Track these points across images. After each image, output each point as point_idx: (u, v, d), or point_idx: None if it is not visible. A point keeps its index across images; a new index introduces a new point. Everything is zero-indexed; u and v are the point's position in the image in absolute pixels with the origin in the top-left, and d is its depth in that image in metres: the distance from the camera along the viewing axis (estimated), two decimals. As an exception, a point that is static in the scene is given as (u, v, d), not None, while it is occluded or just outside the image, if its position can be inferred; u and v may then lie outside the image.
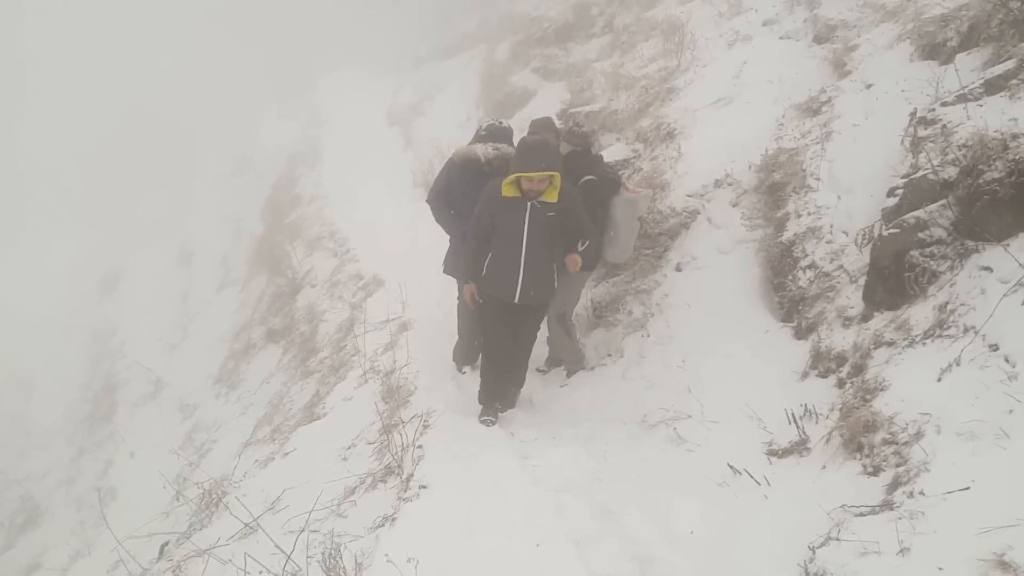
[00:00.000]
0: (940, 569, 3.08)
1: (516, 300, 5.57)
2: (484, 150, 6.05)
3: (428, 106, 15.33)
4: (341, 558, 3.38)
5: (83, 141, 25.32)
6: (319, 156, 15.93)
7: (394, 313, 8.19)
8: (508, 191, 5.39)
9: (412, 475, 4.85)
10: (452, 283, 7.77)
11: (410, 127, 15.25)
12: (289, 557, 3.96)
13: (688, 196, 6.90)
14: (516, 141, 6.26)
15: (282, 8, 22.66)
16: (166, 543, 5.73)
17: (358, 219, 12.10)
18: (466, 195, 5.92)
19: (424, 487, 4.60)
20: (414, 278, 8.71)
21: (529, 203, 5.38)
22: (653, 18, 10.50)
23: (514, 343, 5.84)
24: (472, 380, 6.49)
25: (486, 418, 5.84)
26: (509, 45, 13.89)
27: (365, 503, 4.80)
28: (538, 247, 5.46)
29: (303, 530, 4.35)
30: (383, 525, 4.29)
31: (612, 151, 8.06)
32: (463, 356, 6.82)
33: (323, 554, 3.51)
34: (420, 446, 5.26)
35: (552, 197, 5.37)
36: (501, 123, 6.34)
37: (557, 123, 7.18)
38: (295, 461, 6.14)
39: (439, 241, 9.85)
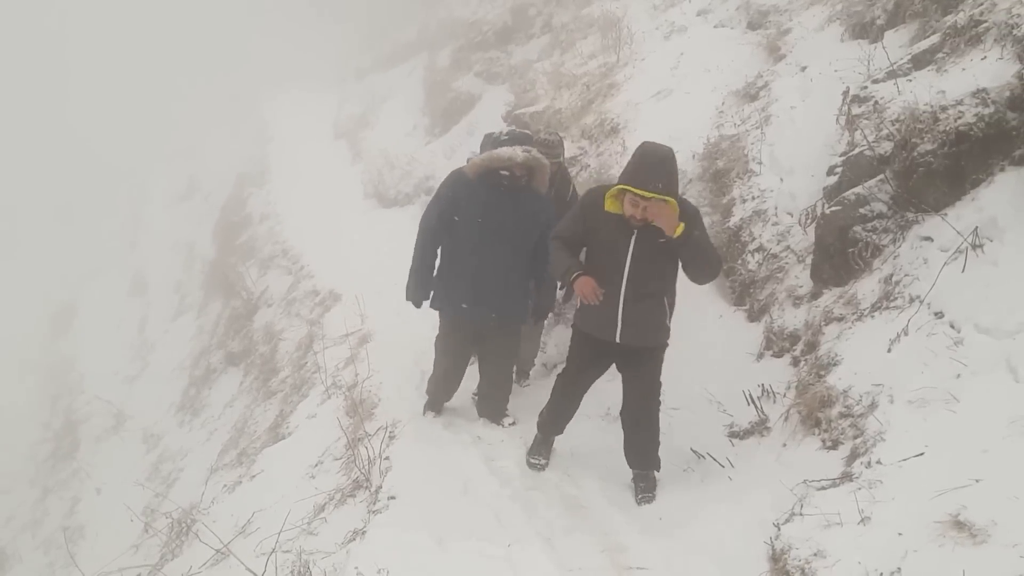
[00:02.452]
0: (900, 534, 3.15)
1: (617, 339, 4.42)
2: (512, 152, 4.92)
3: (374, 117, 15.27)
4: (311, 575, 3.37)
5: (25, 174, 24.86)
6: (267, 174, 15.78)
7: (353, 326, 8.16)
8: (612, 206, 4.24)
9: (380, 487, 4.83)
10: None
11: (357, 139, 15.18)
12: (261, 580, 3.94)
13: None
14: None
15: (223, 28, 22.49)
16: (137, 576, 5.66)
17: (310, 235, 12.02)
18: (473, 219, 5.06)
19: (393, 498, 4.59)
20: (371, 289, 8.69)
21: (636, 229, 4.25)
22: (590, 15, 10.58)
23: (629, 396, 4.69)
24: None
25: (536, 459, 5.03)
26: (450, 51, 13.90)
27: (335, 519, 4.77)
28: (644, 276, 4.33)
29: (273, 551, 4.32)
30: (354, 539, 4.27)
31: (558, 149, 8.12)
32: (435, 398, 5.86)
33: (292, 572, 3.49)
34: (387, 457, 5.24)
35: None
36: (523, 130, 5.58)
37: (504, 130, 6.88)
38: (263, 483, 6.09)
39: (395, 251, 9.89)
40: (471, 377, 5.84)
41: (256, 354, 10.34)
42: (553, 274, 4.73)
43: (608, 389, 5.70)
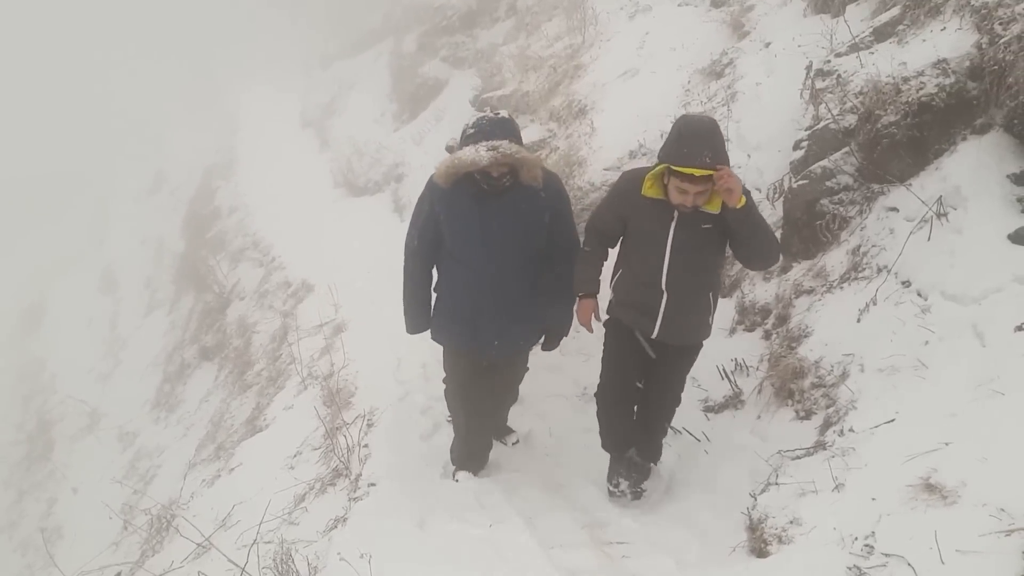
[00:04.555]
0: (873, 499, 3.21)
1: (655, 335, 4.02)
2: (475, 154, 3.83)
3: (341, 105, 15.16)
4: (293, 562, 3.38)
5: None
6: (235, 166, 15.66)
7: (327, 316, 8.13)
8: (651, 190, 3.79)
9: (360, 474, 4.85)
10: (387, 281, 7.76)
11: (324, 127, 15.08)
12: (243, 570, 3.94)
13: (605, 169, 6.98)
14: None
15: (183, 21, 22.21)
16: (118, 574, 5.63)
17: (280, 226, 11.95)
18: (460, 233, 4.14)
19: (373, 485, 4.61)
20: (344, 279, 8.67)
21: (677, 212, 3.78)
22: (554, -4, 10.55)
23: (650, 387, 4.32)
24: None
25: (617, 483, 4.32)
26: (416, 36, 13.80)
27: (316, 508, 4.78)
28: (687, 267, 3.88)
29: (255, 542, 4.32)
30: (335, 527, 4.29)
31: (528, 132, 8.11)
32: (464, 457, 4.79)
33: (274, 561, 3.50)
34: (366, 445, 5.25)
35: (713, 207, 3.73)
36: (497, 114, 4.07)
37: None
38: (242, 476, 6.08)
39: (366, 239, 9.88)
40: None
41: (230, 348, 10.28)
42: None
43: (583, 368, 5.75)
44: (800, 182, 4.98)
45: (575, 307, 4.12)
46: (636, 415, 4.33)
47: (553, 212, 4.12)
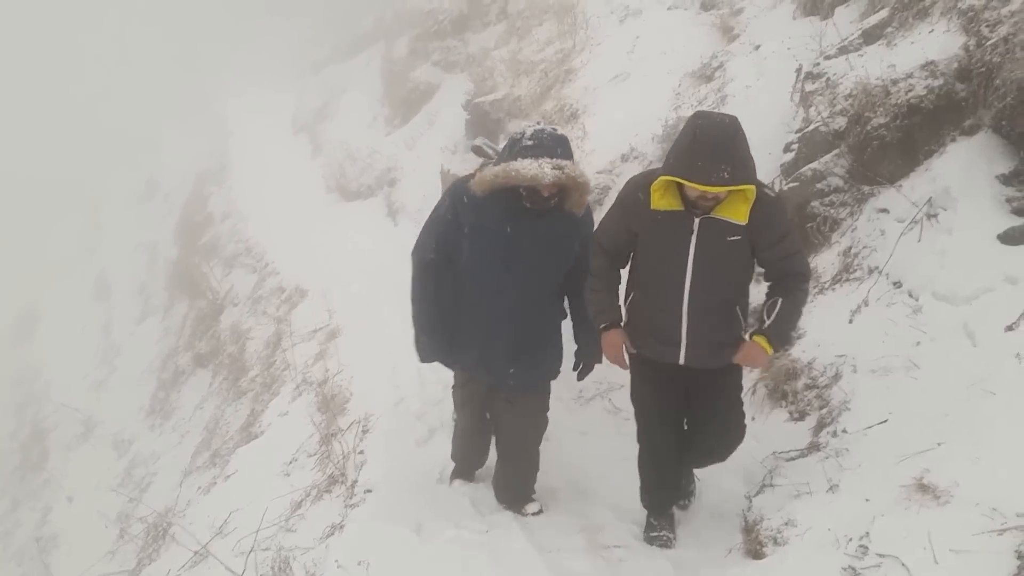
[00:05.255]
0: (867, 500, 3.24)
1: (681, 361, 3.53)
2: (539, 169, 3.43)
3: (333, 109, 15.18)
4: (291, 570, 3.39)
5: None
6: (227, 172, 15.64)
7: (321, 322, 8.14)
8: (662, 201, 3.31)
9: (356, 481, 4.85)
10: (381, 285, 7.81)
11: (317, 132, 15.10)
12: (241, 578, 3.96)
13: (598, 173, 7.01)
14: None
15: (177, 23, 22.19)
16: (114, 583, 5.64)
17: (274, 231, 11.94)
18: (484, 251, 3.74)
19: (369, 491, 4.62)
20: (337, 284, 8.68)
21: (697, 219, 3.30)
22: (545, 1, 10.58)
23: (700, 424, 3.77)
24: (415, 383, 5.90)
25: (658, 534, 3.87)
26: (407, 40, 13.83)
27: (313, 515, 4.78)
28: (711, 284, 3.41)
29: (252, 550, 4.33)
30: (332, 534, 4.29)
31: (520, 136, 8.14)
32: (461, 463, 4.64)
33: (272, 568, 3.51)
34: (361, 451, 5.26)
35: (739, 216, 3.26)
36: (555, 129, 3.66)
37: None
38: (238, 483, 6.08)
39: (359, 244, 9.89)
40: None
41: (224, 354, 10.27)
42: (588, 306, 3.74)
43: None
44: (791, 184, 5.01)
45: (601, 341, 3.67)
46: (685, 460, 3.82)
47: (584, 240, 3.76)
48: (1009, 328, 3.56)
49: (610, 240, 3.58)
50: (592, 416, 5.26)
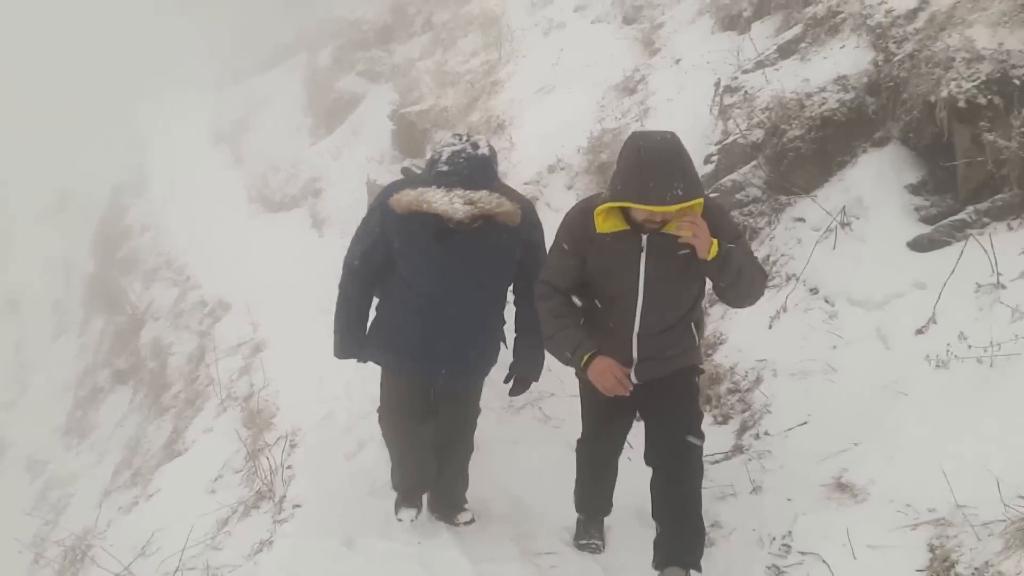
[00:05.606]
0: (789, 500, 3.35)
1: (633, 380, 3.32)
2: (449, 205, 3.29)
3: (255, 120, 14.96)
4: (219, 589, 3.33)
5: None
6: (146, 184, 15.27)
7: (245, 336, 7.99)
8: (606, 224, 3.14)
9: (284, 496, 4.77)
10: (306, 297, 7.68)
11: (238, 143, 14.85)
12: (165, 601, 3.86)
13: (525, 184, 7.06)
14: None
15: (92, 34, 21.54)
16: (30, 610, 5.43)
17: (195, 244, 11.70)
18: (417, 267, 3.61)
19: (298, 506, 4.55)
20: (262, 297, 8.53)
21: (645, 235, 3.12)
22: (469, 13, 10.65)
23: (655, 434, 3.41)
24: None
25: (588, 541, 3.87)
26: (331, 50, 13.74)
27: (240, 532, 4.69)
28: (663, 302, 3.23)
29: (177, 570, 4.23)
30: (261, 550, 4.21)
31: (446, 147, 8.17)
32: (406, 491, 4.21)
33: (200, 587, 3.44)
34: (289, 466, 5.17)
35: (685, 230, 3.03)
36: (476, 148, 3.39)
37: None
38: (161, 501, 5.92)
39: (284, 256, 9.75)
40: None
41: (145, 370, 10.02)
42: (552, 352, 3.44)
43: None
44: (711, 195, 5.14)
45: (590, 377, 3.31)
46: (653, 489, 3.34)
47: (526, 245, 3.60)
48: (919, 331, 3.73)
49: (561, 279, 3.33)
50: (523, 425, 5.28)
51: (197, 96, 18.22)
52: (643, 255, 3.13)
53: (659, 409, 3.37)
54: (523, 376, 3.85)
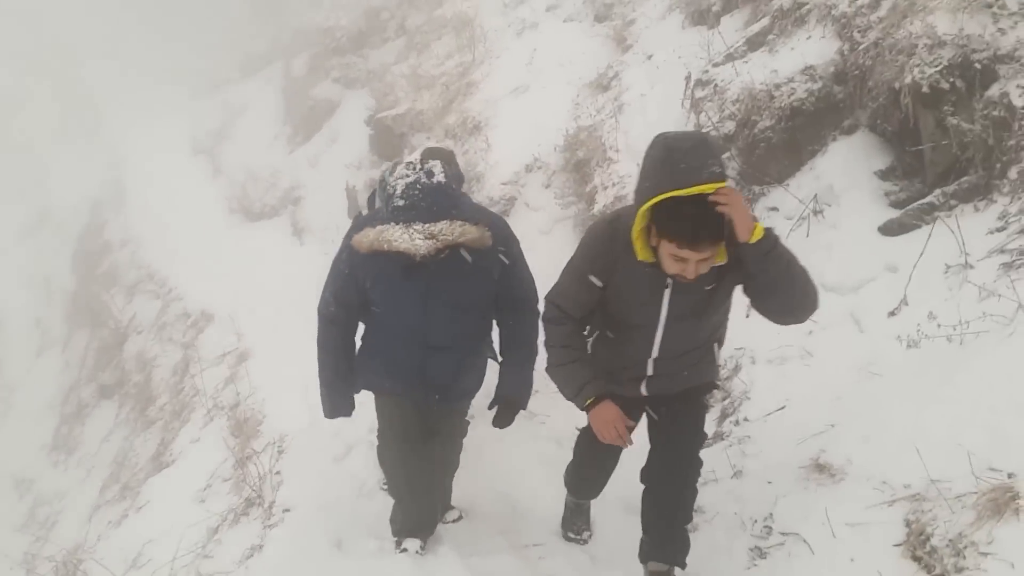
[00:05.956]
0: (769, 483, 3.41)
1: (644, 393, 3.21)
2: (409, 243, 3.20)
3: (232, 130, 14.93)
4: (211, 592, 3.37)
5: None
6: (124, 197, 15.16)
7: (230, 346, 8.01)
8: (645, 251, 2.80)
9: (274, 501, 4.80)
10: (289, 306, 7.69)
11: (216, 153, 14.82)
12: (159, 608, 3.88)
13: (503, 184, 7.13)
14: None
15: (57, 43, 21.37)
16: (23, 627, 5.43)
17: (176, 256, 11.66)
18: (391, 302, 3.44)
19: (288, 510, 4.58)
20: (244, 306, 8.55)
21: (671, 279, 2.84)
22: (442, 16, 10.69)
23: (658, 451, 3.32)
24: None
25: (576, 535, 3.96)
26: (306, 58, 13.74)
27: (230, 539, 4.71)
28: (684, 335, 3.06)
29: (169, 580, 4.26)
30: (251, 556, 4.25)
31: (424, 150, 8.21)
32: (411, 525, 3.85)
33: (192, 592, 3.48)
34: (278, 472, 5.20)
35: (719, 258, 2.76)
36: (431, 174, 3.25)
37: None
38: (151, 513, 5.93)
39: (265, 265, 9.75)
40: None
41: (130, 384, 10.00)
42: (555, 382, 3.24)
43: (492, 378, 5.83)
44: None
45: (590, 422, 3.19)
46: (646, 495, 3.31)
47: (503, 264, 3.43)
48: (891, 314, 3.80)
49: (575, 307, 3.10)
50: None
51: (173, 108, 18.14)
52: (668, 291, 2.89)
53: (666, 429, 3.25)
54: (511, 400, 3.60)
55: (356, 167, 10.07)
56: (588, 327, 3.22)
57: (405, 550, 3.74)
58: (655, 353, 3.04)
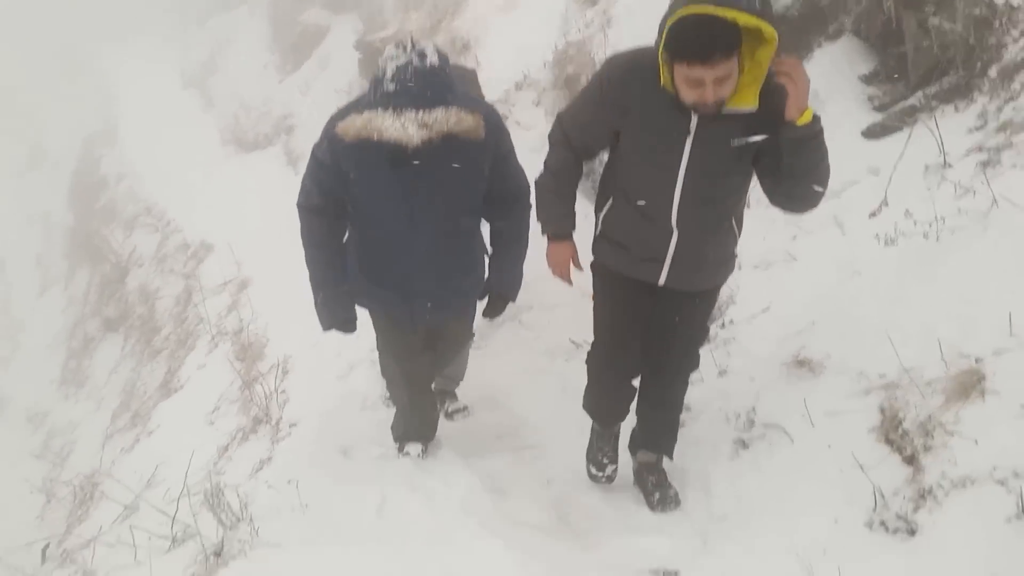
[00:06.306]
0: (752, 379, 3.56)
1: (661, 282, 3.04)
2: (402, 131, 2.91)
3: (222, 61, 14.78)
4: (224, 496, 3.53)
5: None
6: (117, 132, 15.11)
7: (230, 274, 8.13)
8: (666, 77, 2.59)
9: (281, 418, 4.96)
10: (286, 232, 7.79)
11: (207, 85, 14.71)
12: (174, 519, 4.06)
13: (493, 103, 7.13)
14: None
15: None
16: (46, 546, 5.64)
17: (173, 189, 11.71)
18: (376, 199, 3.26)
19: (294, 425, 4.74)
20: (243, 235, 8.64)
21: (696, 115, 2.64)
22: (429, -67, 10.50)
23: (658, 346, 3.23)
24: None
25: (603, 472, 3.59)
26: (292, -16, 13.53)
27: (240, 456, 4.88)
28: (706, 198, 2.85)
29: (183, 494, 4.42)
30: (261, 468, 4.42)
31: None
32: (412, 431, 3.97)
33: (205, 495, 3.64)
34: (283, 391, 5.36)
35: (747, 100, 2.58)
36: (423, 58, 2.95)
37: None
38: (162, 437, 6.12)
39: (261, 194, 9.80)
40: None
41: (134, 316, 10.15)
42: (535, 202, 3.22)
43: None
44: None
45: (546, 251, 3.18)
46: (640, 386, 3.35)
47: (495, 156, 3.23)
48: (872, 215, 3.89)
49: (580, 134, 2.95)
50: (504, 338, 5.46)
51: (162, 40, 17.93)
52: (690, 139, 2.68)
53: (672, 327, 3.14)
54: (500, 293, 3.58)
55: (347, 92, 10.01)
56: (604, 196, 3.06)
57: (407, 453, 3.89)
58: (675, 217, 2.83)
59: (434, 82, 2.92)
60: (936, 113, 4.01)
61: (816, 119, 2.55)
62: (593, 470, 3.57)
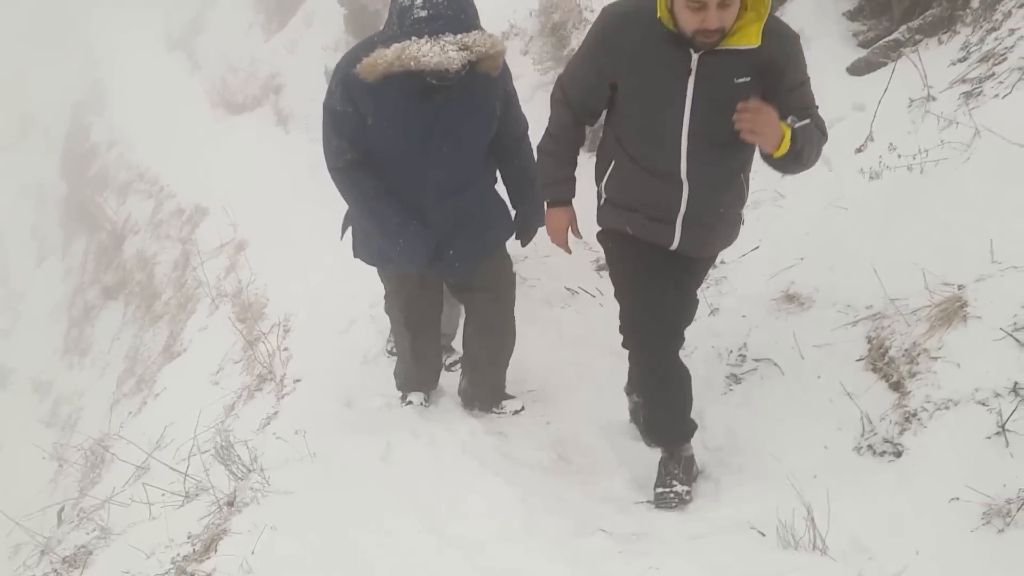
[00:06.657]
0: (743, 316, 3.64)
1: (674, 246, 2.90)
2: (442, 55, 2.82)
3: (206, 22, 14.62)
4: (234, 449, 3.63)
5: None
6: (105, 99, 15.03)
7: (227, 237, 8.17)
8: (663, 10, 2.52)
9: (285, 374, 5.05)
10: (280, 193, 7.80)
11: (193, 47, 14.57)
12: (186, 475, 4.16)
13: (481, 54, 7.10)
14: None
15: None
16: (62, 508, 5.77)
17: (164, 154, 11.69)
18: (395, 140, 3.16)
19: (299, 380, 4.81)
20: (237, 197, 8.65)
21: (696, 53, 2.56)
22: None
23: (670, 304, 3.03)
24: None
25: (671, 489, 3.07)
26: (274, -60, 13.33)
27: (247, 413, 4.96)
28: (714, 142, 2.70)
29: (192, 452, 4.53)
30: (268, 423, 4.52)
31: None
32: (413, 380, 4.03)
33: (216, 449, 3.75)
34: (286, 348, 5.43)
35: (750, 38, 2.52)
36: None
37: None
38: (168, 399, 6.21)
39: (253, 155, 9.80)
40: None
41: (133, 283, 10.23)
42: (537, 167, 3.16)
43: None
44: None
45: (546, 217, 3.14)
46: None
47: (505, 97, 3.23)
48: (858, 150, 3.94)
49: (580, 91, 2.85)
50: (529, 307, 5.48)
51: (145, 2, 17.71)
52: (692, 78, 2.57)
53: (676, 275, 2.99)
54: (529, 223, 3.55)
55: (333, 49, 9.94)
56: (605, 162, 2.95)
57: (410, 403, 3.96)
58: (684, 166, 2.69)
59: (465, 5, 2.90)
60: (920, 47, 4.04)
61: (794, 139, 2.49)
62: (660, 489, 3.07)
